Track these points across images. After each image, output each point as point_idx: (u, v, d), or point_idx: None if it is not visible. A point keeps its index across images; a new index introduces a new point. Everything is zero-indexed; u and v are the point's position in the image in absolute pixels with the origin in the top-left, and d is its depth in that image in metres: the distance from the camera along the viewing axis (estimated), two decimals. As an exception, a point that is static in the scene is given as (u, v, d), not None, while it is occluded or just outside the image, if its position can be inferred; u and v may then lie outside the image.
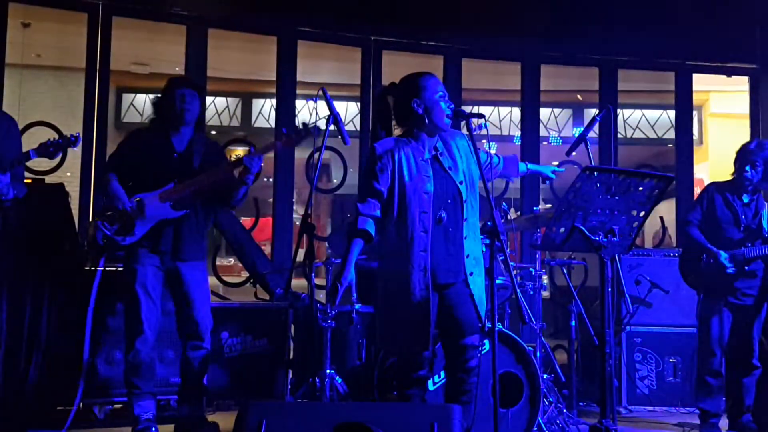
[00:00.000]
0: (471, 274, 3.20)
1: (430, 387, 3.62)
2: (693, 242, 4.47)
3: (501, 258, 3.61)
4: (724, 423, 4.52)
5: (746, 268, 4.30)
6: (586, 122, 4.33)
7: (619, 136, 8.87)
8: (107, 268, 4.39)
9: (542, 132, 7.42)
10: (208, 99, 7.00)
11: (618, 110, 8.18)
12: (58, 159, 3.87)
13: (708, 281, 4.39)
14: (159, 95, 4.01)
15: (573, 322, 4.82)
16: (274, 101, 6.56)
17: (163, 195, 3.84)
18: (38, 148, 3.71)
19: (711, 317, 4.42)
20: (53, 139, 3.73)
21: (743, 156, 4.39)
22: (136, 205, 3.81)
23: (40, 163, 4.20)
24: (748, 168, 4.35)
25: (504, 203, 4.86)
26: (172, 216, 3.85)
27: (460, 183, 3.22)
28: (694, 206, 4.60)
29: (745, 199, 4.43)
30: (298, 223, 6.67)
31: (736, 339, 4.42)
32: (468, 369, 3.21)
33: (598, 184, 3.14)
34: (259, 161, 3.85)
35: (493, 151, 3.50)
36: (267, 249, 6.25)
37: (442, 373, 3.63)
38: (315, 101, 3.65)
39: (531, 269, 4.77)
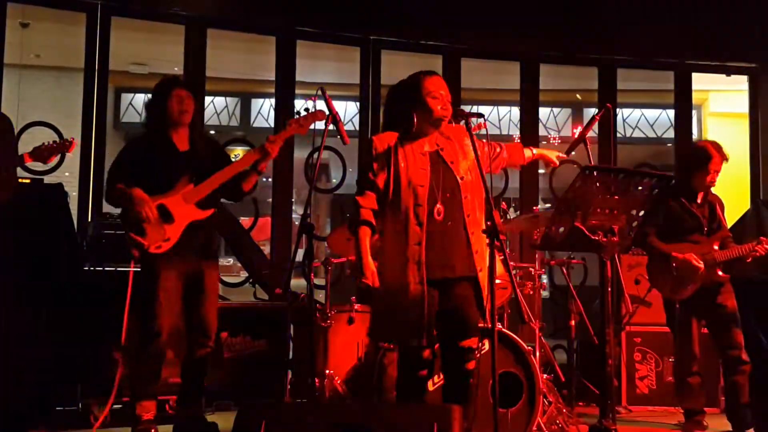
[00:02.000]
0: (480, 270, 3.19)
1: (430, 387, 3.62)
2: (657, 251, 4.45)
3: (500, 258, 3.60)
4: (726, 422, 4.54)
5: (720, 272, 4.32)
6: (585, 121, 4.32)
7: (618, 135, 8.86)
8: (106, 269, 4.41)
9: (541, 131, 7.43)
10: (207, 99, 6.99)
11: (617, 109, 8.17)
12: (54, 162, 3.80)
13: (684, 287, 4.40)
14: (152, 97, 3.96)
15: (572, 322, 4.82)
16: (273, 101, 6.56)
17: (186, 196, 3.81)
18: (32, 152, 3.68)
19: (689, 321, 4.43)
20: (48, 142, 3.69)
21: (705, 163, 4.37)
22: (160, 211, 3.75)
23: (38, 163, 4.20)
24: (716, 178, 4.37)
25: (503, 203, 4.86)
26: (201, 216, 3.82)
27: (461, 179, 3.22)
28: (650, 218, 4.32)
29: (699, 199, 4.44)
30: (297, 222, 6.67)
31: (719, 338, 4.43)
32: (465, 371, 3.21)
33: (598, 184, 3.14)
34: (277, 148, 3.83)
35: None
36: (266, 249, 6.24)
37: (442, 374, 3.63)
38: (314, 101, 3.65)
39: (530, 269, 4.76)
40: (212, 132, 9.47)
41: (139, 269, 3.86)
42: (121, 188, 3.77)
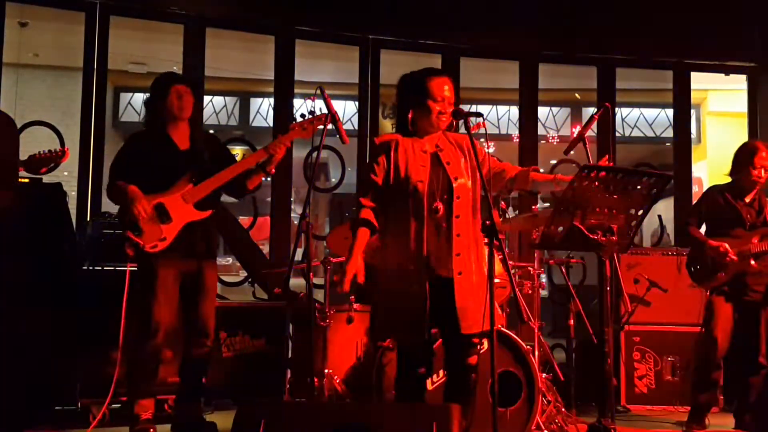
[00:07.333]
0: (460, 273, 3.18)
1: (430, 387, 3.62)
2: (693, 240, 4.50)
3: (499, 257, 3.59)
4: (730, 421, 4.54)
5: (753, 262, 4.32)
6: (584, 121, 4.33)
7: (617, 134, 8.86)
8: (105, 268, 4.40)
9: (540, 131, 7.43)
10: (206, 98, 6.99)
11: (616, 109, 8.17)
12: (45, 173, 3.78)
13: (715, 276, 4.41)
14: (151, 94, 3.94)
15: (571, 321, 4.82)
16: (272, 100, 6.56)
17: (185, 196, 3.80)
18: (26, 161, 3.65)
19: (718, 311, 4.42)
20: (41, 152, 3.66)
21: (750, 158, 4.39)
22: (158, 210, 3.75)
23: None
24: (763, 172, 4.37)
25: (503, 202, 4.86)
26: (199, 217, 3.82)
27: (455, 179, 3.21)
28: (693, 209, 4.73)
29: (747, 198, 4.45)
30: (296, 222, 6.66)
31: (743, 337, 4.43)
32: (468, 365, 3.20)
33: (597, 183, 3.14)
34: (282, 150, 3.83)
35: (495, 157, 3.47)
36: (265, 248, 6.24)
37: (441, 373, 3.63)
38: (313, 100, 3.65)
39: (530, 268, 4.76)
40: (211, 131, 9.47)
41: (135, 268, 3.85)
42: (119, 185, 3.77)
